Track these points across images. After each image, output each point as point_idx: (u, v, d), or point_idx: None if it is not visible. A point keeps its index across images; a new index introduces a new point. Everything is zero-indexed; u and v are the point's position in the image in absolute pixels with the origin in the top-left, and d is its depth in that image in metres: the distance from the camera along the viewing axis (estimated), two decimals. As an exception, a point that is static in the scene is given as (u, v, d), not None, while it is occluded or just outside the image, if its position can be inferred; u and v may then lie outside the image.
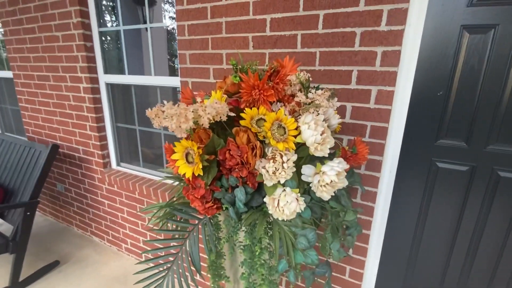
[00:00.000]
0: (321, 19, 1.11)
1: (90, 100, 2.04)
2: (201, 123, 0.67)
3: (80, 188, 2.42)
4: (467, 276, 1.28)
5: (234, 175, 0.79)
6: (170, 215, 0.90)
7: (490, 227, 1.18)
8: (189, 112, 0.65)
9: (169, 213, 0.90)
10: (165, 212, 0.91)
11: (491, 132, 1.09)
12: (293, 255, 0.75)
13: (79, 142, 2.25)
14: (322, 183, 0.76)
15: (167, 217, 0.90)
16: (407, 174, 1.25)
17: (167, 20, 1.78)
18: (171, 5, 1.77)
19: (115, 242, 2.37)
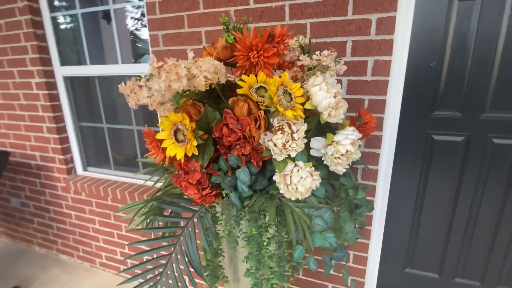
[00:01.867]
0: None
1: (46, 97, 1.77)
2: (195, 85, 0.54)
3: (40, 200, 2.11)
4: (466, 253, 1.28)
5: (235, 153, 0.67)
6: (157, 210, 0.75)
7: (487, 197, 1.18)
8: (181, 68, 0.51)
9: (156, 208, 0.75)
10: (151, 207, 0.75)
11: (484, 100, 1.09)
12: (310, 238, 0.65)
13: (35, 148, 1.95)
14: (337, 154, 0.67)
15: (154, 213, 0.74)
16: (405, 150, 1.21)
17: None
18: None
19: (87, 258, 2.09)
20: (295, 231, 0.69)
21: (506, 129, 1.09)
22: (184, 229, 0.71)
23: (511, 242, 1.21)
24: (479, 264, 1.28)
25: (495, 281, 1.27)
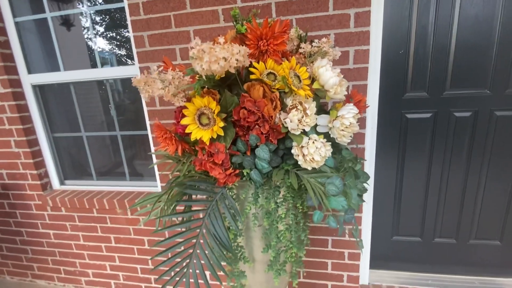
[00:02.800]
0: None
1: (13, 109, 1.63)
2: (229, 66, 0.58)
3: (10, 223, 1.91)
4: (442, 216, 1.47)
5: (255, 133, 0.72)
6: (179, 197, 0.76)
7: (454, 164, 1.37)
8: (216, 51, 0.55)
9: (178, 194, 0.76)
10: (173, 194, 0.77)
11: (445, 80, 1.28)
12: (326, 201, 0.72)
13: (1, 165, 1.78)
14: (342, 127, 0.76)
15: (177, 200, 0.76)
16: (385, 129, 1.37)
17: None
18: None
19: (70, 279, 1.94)
20: (309, 199, 0.76)
21: (464, 103, 1.29)
22: (208, 210, 0.74)
23: (476, 202, 1.42)
24: (453, 224, 1.47)
25: (467, 236, 1.48)
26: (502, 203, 1.40)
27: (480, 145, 1.33)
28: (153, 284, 1.78)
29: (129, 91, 1.61)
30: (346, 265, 1.46)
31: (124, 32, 1.53)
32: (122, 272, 1.81)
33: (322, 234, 1.43)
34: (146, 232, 1.66)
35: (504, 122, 1.29)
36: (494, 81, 1.24)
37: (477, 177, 1.38)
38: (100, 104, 1.66)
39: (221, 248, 0.71)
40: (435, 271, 1.56)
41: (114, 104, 1.62)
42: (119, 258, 1.78)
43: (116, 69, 1.51)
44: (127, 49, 1.56)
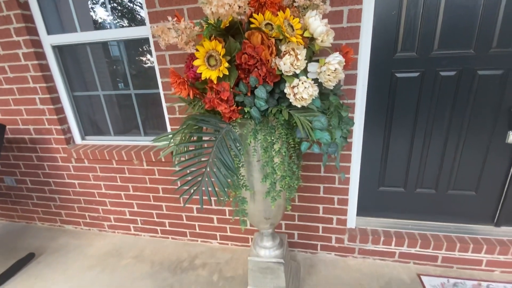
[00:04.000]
0: None
1: (36, 68, 1.78)
2: (233, 11, 0.72)
3: (38, 175, 2.15)
4: (424, 169, 1.63)
5: (254, 75, 0.87)
6: (193, 128, 0.93)
7: (437, 121, 1.51)
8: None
9: (192, 126, 0.93)
10: (187, 126, 0.94)
11: (433, 41, 1.37)
12: (312, 133, 0.88)
13: (28, 121, 1.97)
14: (328, 72, 0.89)
15: (191, 132, 0.93)
16: (375, 86, 1.49)
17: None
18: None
19: (94, 224, 2.22)
20: (299, 132, 0.92)
21: (450, 63, 1.39)
22: (216, 141, 0.91)
23: (456, 156, 1.57)
24: (433, 176, 1.64)
25: (446, 187, 1.65)
26: (479, 157, 1.54)
27: (462, 103, 1.46)
28: (167, 227, 2.03)
29: (141, 51, 1.74)
30: (336, 209, 1.66)
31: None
32: (140, 217, 2.06)
33: (315, 182, 1.62)
34: (160, 181, 1.88)
35: (485, 81, 1.40)
36: (479, 42, 1.34)
37: (458, 132, 1.51)
38: (114, 64, 1.80)
39: (227, 170, 0.89)
40: (415, 218, 1.76)
41: (128, 63, 1.76)
42: (137, 205, 2.02)
43: (128, 30, 1.63)
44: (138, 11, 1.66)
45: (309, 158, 1.57)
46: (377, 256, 1.70)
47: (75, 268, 1.82)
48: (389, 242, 1.64)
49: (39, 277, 1.77)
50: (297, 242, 1.81)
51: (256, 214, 1.23)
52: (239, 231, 1.87)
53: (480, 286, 1.49)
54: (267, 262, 1.33)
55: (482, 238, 1.59)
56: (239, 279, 1.63)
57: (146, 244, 2.03)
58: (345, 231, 1.70)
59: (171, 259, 1.86)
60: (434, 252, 1.61)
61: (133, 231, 2.14)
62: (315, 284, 1.56)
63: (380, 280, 1.56)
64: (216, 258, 1.83)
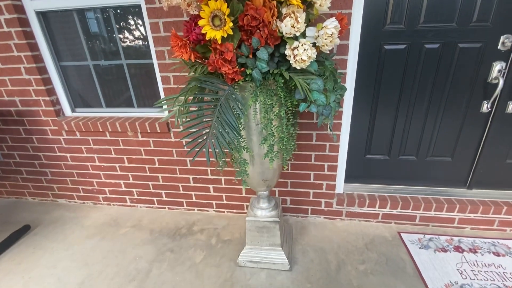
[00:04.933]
0: None
1: (20, 35, 1.71)
2: None
3: (27, 148, 2.11)
4: (406, 137, 1.75)
5: (256, 36, 0.90)
6: (197, 89, 0.97)
7: (420, 91, 1.61)
8: None
9: (196, 87, 0.97)
10: (191, 87, 0.97)
11: (420, 14, 1.44)
12: (310, 94, 0.95)
13: (13, 92, 1.91)
14: (325, 36, 0.95)
15: (195, 92, 0.97)
16: (365, 57, 1.56)
17: None
18: None
19: (88, 197, 2.23)
20: (298, 93, 0.98)
21: (433, 36, 1.48)
22: (220, 101, 0.95)
23: (435, 125, 1.70)
24: (415, 144, 1.77)
25: (425, 154, 1.79)
26: (456, 126, 1.68)
27: (443, 75, 1.56)
28: (164, 197, 2.09)
29: (133, 19, 1.69)
30: (325, 175, 1.77)
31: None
32: (136, 188, 2.10)
33: (307, 150, 1.71)
34: (156, 153, 1.91)
35: (465, 54, 1.50)
36: (460, 16, 1.42)
37: (438, 103, 1.63)
38: (105, 33, 1.75)
39: (231, 129, 0.94)
40: (398, 183, 1.91)
41: (118, 32, 1.72)
42: (133, 177, 2.05)
43: (119, -5, 1.58)
44: (129, -26, 1.60)
45: (302, 127, 1.64)
46: (363, 217, 1.86)
47: (74, 238, 1.86)
48: (374, 205, 1.79)
49: (37, 246, 1.80)
50: (289, 207, 1.93)
51: (255, 177, 1.31)
52: (235, 199, 1.97)
53: (452, 241, 1.68)
54: (264, 222, 1.43)
55: (455, 199, 1.77)
56: (236, 241, 1.74)
57: (144, 214, 2.09)
58: (333, 195, 1.83)
59: (169, 227, 1.93)
60: (413, 212, 1.77)
61: (129, 203, 2.18)
62: (306, 243, 1.69)
63: (365, 238, 1.72)
64: (213, 224, 1.93)
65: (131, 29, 1.72)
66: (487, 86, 1.56)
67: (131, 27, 1.72)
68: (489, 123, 1.64)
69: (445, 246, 1.63)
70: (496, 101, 1.58)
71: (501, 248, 1.60)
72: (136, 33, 1.72)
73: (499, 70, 1.49)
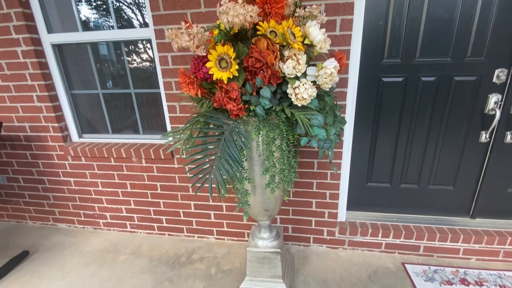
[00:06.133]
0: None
1: (35, 66, 1.80)
2: (245, 20, 0.81)
3: (32, 173, 2.14)
4: (407, 166, 1.77)
5: (260, 76, 0.96)
6: (203, 124, 1.01)
7: (419, 120, 1.66)
8: (237, 8, 0.77)
9: (201, 122, 1.01)
10: (197, 122, 1.01)
11: (415, 49, 1.52)
12: (311, 129, 0.99)
13: (23, 118, 1.97)
14: (325, 75, 1.00)
15: (201, 127, 1.01)
16: (364, 89, 1.62)
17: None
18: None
19: (89, 222, 2.22)
20: (299, 128, 1.02)
21: (429, 70, 1.54)
22: (224, 135, 0.99)
23: (435, 154, 1.72)
24: (416, 172, 1.79)
25: (427, 182, 1.80)
26: (456, 155, 1.71)
27: (441, 106, 1.61)
28: (164, 224, 2.08)
29: (143, 51, 1.79)
30: (327, 203, 1.77)
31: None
32: (137, 214, 2.09)
33: (309, 178, 1.73)
34: (158, 178, 1.93)
35: (461, 86, 1.56)
36: (455, 51, 1.49)
37: (437, 133, 1.67)
38: (115, 64, 1.84)
39: (234, 161, 0.97)
40: (400, 211, 1.90)
41: (128, 63, 1.81)
42: (134, 202, 2.06)
43: (132, 31, 1.68)
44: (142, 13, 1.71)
45: (304, 155, 1.67)
46: (366, 247, 1.83)
47: (72, 264, 1.83)
48: (376, 234, 1.77)
49: (35, 273, 1.77)
50: (291, 235, 1.91)
51: (256, 207, 1.32)
52: (236, 226, 1.95)
53: (458, 273, 1.64)
54: (265, 252, 1.42)
55: (459, 228, 1.75)
56: (236, 271, 1.71)
57: (143, 241, 2.07)
58: (336, 224, 1.81)
59: (168, 254, 1.90)
60: (416, 242, 1.75)
61: (129, 228, 2.17)
62: (308, 274, 1.66)
63: (369, 269, 1.69)
64: (213, 252, 1.90)
65: (141, 60, 1.81)
66: (484, 117, 1.60)
67: (141, 59, 1.81)
68: (488, 153, 1.66)
69: (450, 279, 1.58)
70: (494, 131, 1.61)
71: (507, 280, 1.56)
72: (145, 65, 1.81)
73: (495, 102, 1.54)
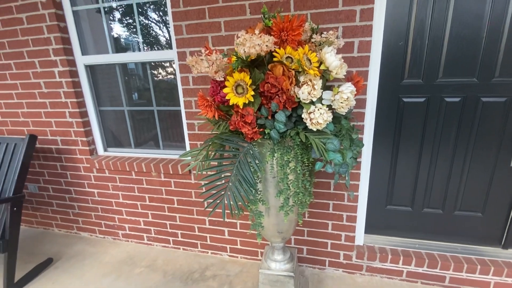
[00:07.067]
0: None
1: (69, 85, 1.95)
2: (260, 51, 0.84)
3: (60, 183, 2.28)
4: (430, 189, 1.69)
5: (275, 101, 0.98)
6: (219, 146, 1.04)
7: (443, 142, 1.59)
8: (253, 39, 0.81)
9: (217, 144, 1.04)
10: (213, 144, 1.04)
11: (438, 69, 1.48)
12: (326, 154, 0.98)
13: (56, 132, 2.12)
14: (341, 100, 1.00)
15: (216, 149, 1.03)
16: (383, 110, 1.59)
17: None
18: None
19: (109, 232, 2.30)
20: (314, 153, 1.02)
21: (454, 90, 1.49)
22: (239, 157, 1.01)
23: (462, 178, 1.63)
24: (440, 196, 1.69)
25: (453, 208, 1.70)
26: (485, 179, 1.60)
27: (467, 127, 1.53)
28: (179, 238, 2.11)
29: (166, 71, 1.89)
30: (344, 226, 1.72)
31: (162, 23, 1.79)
32: (154, 227, 2.14)
33: (325, 198, 1.69)
34: (176, 193, 1.98)
35: (489, 108, 1.48)
36: (482, 71, 1.43)
37: (463, 155, 1.58)
38: (141, 78, 1.95)
39: (247, 184, 0.98)
40: (422, 238, 1.80)
41: (152, 82, 1.91)
42: (152, 215, 2.11)
43: (157, 53, 1.79)
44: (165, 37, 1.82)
45: (319, 175, 1.65)
46: (385, 274, 1.73)
47: (91, 275, 1.89)
48: (397, 261, 1.68)
49: (56, 282, 1.84)
50: (305, 257, 1.86)
51: (270, 228, 1.31)
52: (250, 244, 1.93)
53: (488, 309, 1.50)
54: (278, 275, 1.39)
55: (489, 259, 1.62)
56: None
57: (159, 254, 2.10)
58: (353, 248, 1.74)
59: (182, 269, 1.92)
60: (441, 272, 1.63)
61: (146, 241, 2.22)
62: (324, 300, 1.59)
63: (388, 298, 1.59)
64: (226, 270, 1.89)
65: (164, 79, 1.91)
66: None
67: (164, 78, 1.91)
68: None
69: (481, 317, 1.45)
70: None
71: (550, 324, 1.40)
72: (168, 83, 1.90)
73: (527, 125, 1.44)
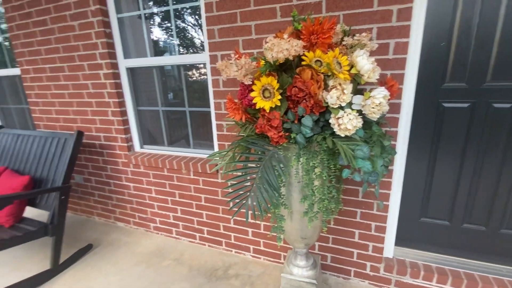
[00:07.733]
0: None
1: (112, 86, 2.11)
2: (288, 55, 0.84)
3: (102, 175, 2.48)
4: (473, 202, 1.54)
5: (302, 105, 0.97)
6: (244, 149, 1.06)
7: (489, 152, 1.44)
8: (282, 44, 0.82)
9: (243, 147, 1.06)
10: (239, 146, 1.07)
11: (486, 72, 1.35)
12: (354, 161, 0.94)
13: (100, 129, 2.31)
14: (373, 105, 0.96)
15: (242, 151, 1.05)
16: (420, 115, 1.49)
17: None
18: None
19: (142, 224, 2.46)
20: (341, 160, 0.99)
21: (504, 95, 1.35)
22: (263, 162, 1.02)
23: (510, 192, 1.46)
24: (484, 212, 1.54)
25: (498, 225, 1.53)
26: (540, 196, 1.42)
27: (519, 137, 1.38)
28: (205, 234, 2.18)
29: (199, 73, 1.97)
30: (372, 236, 1.64)
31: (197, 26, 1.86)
32: (182, 222, 2.24)
33: (352, 206, 1.63)
34: (203, 191, 2.05)
35: (548, 115, 1.31)
36: (539, 75, 1.28)
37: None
38: (176, 79, 2.06)
39: (271, 188, 0.99)
40: (461, 255, 1.65)
41: (186, 84, 2.00)
42: (181, 211, 2.21)
43: (191, 56, 1.87)
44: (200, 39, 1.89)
45: (347, 182, 1.59)
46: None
47: (124, 263, 2.03)
48: (430, 278, 1.56)
49: (95, 266, 2.01)
50: (329, 265, 1.81)
51: (293, 233, 1.30)
52: (273, 247, 1.93)
53: None
54: (300, 282, 1.37)
55: (543, 287, 1.44)
56: (271, 294, 1.68)
57: (185, 248, 2.19)
58: (381, 259, 1.66)
59: (207, 266, 1.98)
60: (483, 296, 1.48)
61: (174, 235, 2.32)
62: (348, 311, 1.54)
63: (419, 317, 1.49)
64: (248, 270, 1.91)
65: (196, 81, 1.99)
66: None
67: (196, 80, 1.98)
68: None
69: None
70: None
71: None
72: (200, 85, 1.97)
73: None
